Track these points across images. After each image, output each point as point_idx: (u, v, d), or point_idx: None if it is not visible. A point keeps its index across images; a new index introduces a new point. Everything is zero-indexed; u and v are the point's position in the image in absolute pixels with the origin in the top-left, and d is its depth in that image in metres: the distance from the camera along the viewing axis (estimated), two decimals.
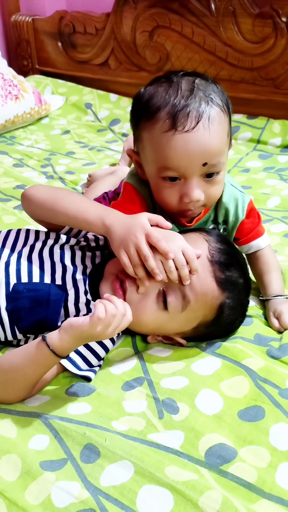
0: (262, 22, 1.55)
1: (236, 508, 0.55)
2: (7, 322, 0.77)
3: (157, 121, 0.72)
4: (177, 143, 0.71)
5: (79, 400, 0.70)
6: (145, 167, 0.78)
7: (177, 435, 0.64)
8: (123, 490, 0.57)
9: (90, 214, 0.75)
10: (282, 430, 0.65)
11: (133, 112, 0.79)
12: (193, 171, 0.73)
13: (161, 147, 0.72)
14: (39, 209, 0.81)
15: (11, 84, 1.76)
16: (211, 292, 0.73)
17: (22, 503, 0.56)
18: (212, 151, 0.72)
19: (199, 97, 0.71)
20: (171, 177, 0.74)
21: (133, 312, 0.74)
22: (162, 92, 0.73)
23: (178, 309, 0.73)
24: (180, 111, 0.70)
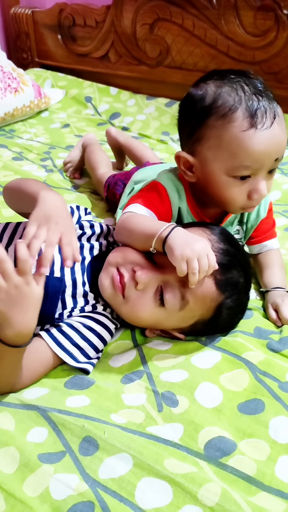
0: (263, 15, 1.54)
1: (235, 500, 0.55)
2: None
3: (234, 120, 0.73)
4: (259, 140, 0.73)
5: (77, 393, 0.70)
6: (208, 167, 0.77)
7: (176, 428, 0.64)
8: (121, 482, 0.57)
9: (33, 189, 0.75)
10: (282, 423, 0.64)
11: (191, 113, 0.78)
12: (266, 168, 0.75)
13: (241, 145, 0.73)
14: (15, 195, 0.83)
15: (10, 77, 1.75)
16: (211, 294, 0.73)
17: (20, 495, 0.56)
18: (284, 147, 0.76)
19: (265, 95, 0.74)
20: (243, 176, 0.75)
21: (130, 308, 0.75)
22: (230, 92, 0.74)
23: (176, 308, 0.73)
24: (257, 110, 0.72)
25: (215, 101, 0.74)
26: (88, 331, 0.76)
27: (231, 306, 0.75)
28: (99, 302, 0.80)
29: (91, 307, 0.79)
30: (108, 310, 0.81)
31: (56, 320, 0.77)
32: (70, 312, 0.78)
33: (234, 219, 0.91)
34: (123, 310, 0.76)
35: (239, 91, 0.74)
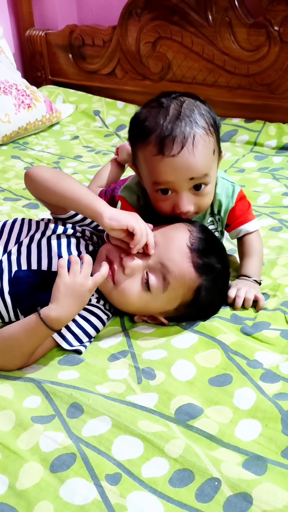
0: (256, 31, 1.64)
1: (196, 453, 0.63)
2: (10, 304, 0.87)
3: (148, 144, 0.81)
4: (165, 166, 0.81)
5: (69, 368, 0.79)
6: (143, 178, 0.89)
7: (152, 397, 0.73)
8: (101, 439, 0.66)
9: (83, 199, 0.83)
10: (245, 393, 0.72)
11: (130, 132, 0.89)
12: (181, 186, 0.83)
13: (152, 167, 0.83)
14: (39, 187, 0.88)
15: (24, 94, 1.89)
16: (188, 274, 0.80)
17: (14, 448, 0.65)
18: (197, 170, 0.81)
19: (184, 122, 0.80)
20: (163, 189, 0.84)
21: (120, 292, 0.83)
22: (154, 116, 0.82)
23: (160, 290, 0.82)
24: (166, 138, 0.79)
25: (141, 124, 0.83)
26: (83, 320, 0.85)
27: (209, 288, 0.82)
28: (93, 295, 0.89)
29: None
30: (101, 302, 0.89)
31: None
32: None
33: (205, 213, 0.98)
34: (113, 295, 0.85)
35: (161, 116, 0.80)
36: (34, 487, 0.60)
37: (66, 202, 0.85)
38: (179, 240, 0.82)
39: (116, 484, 0.60)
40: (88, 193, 0.84)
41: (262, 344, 0.83)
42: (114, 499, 0.58)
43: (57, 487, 0.60)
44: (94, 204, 0.81)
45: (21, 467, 0.62)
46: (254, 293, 0.91)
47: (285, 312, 0.89)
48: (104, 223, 0.80)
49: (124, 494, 0.59)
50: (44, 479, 0.61)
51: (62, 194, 0.85)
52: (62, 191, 0.85)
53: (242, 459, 0.63)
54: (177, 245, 0.82)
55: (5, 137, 1.81)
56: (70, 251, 0.90)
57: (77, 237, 0.93)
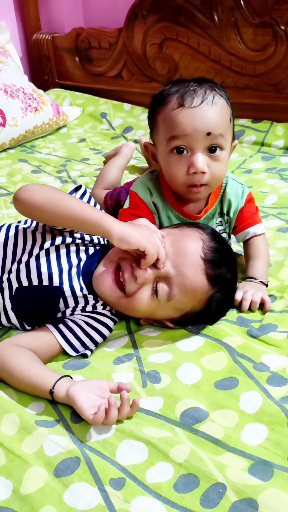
0: (262, 31, 1.62)
1: (201, 458, 0.62)
2: (15, 319, 0.87)
3: (169, 102, 0.86)
4: (184, 116, 0.84)
5: (73, 372, 0.78)
6: (158, 149, 0.91)
7: (157, 401, 0.72)
8: (105, 444, 0.66)
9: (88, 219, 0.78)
10: (251, 396, 0.71)
11: (150, 107, 0.92)
12: (197, 141, 0.85)
13: (170, 121, 0.85)
14: (35, 214, 0.82)
15: (31, 98, 1.90)
16: (202, 287, 0.79)
17: (18, 452, 0.65)
18: (214, 123, 0.84)
19: (205, 86, 0.86)
20: (178, 147, 0.85)
21: (130, 300, 0.81)
22: (176, 86, 0.88)
23: (168, 300, 0.80)
24: (187, 92, 0.85)
25: (160, 94, 0.89)
26: (90, 328, 0.84)
27: (221, 299, 0.82)
28: (99, 302, 0.87)
29: (91, 307, 0.87)
30: (108, 308, 0.88)
31: (59, 317, 0.85)
32: (72, 310, 0.86)
33: (214, 212, 0.98)
34: (121, 303, 0.83)
35: (183, 84, 0.87)
36: (38, 491, 0.60)
37: (70, 225, 0.81)
38: (192, 251, 0.80)
39: (120, 489, 0.60)
40: (92, 210, 0.79)
41: (268, 346, 0.82)
42: (118, 504, 0.58)
43: (61, 492, 0.59)
44: (102, 223, 0.76)
45: (25, 471, 0.62)
46: (261, 295, 0.90)
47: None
48: (114, 243, 0.77)
49: (128, 499, 0.58)
50: (48, 483, 0.61)
51: (64, 218, 0.79)
52: (64, 215, 0.78)
53: (248, 464, 0.62)
54: (191, 257, 0.79)
55: (12, 141, 1.82)
56: (70, 261, 0.87)
57: (76, 244, 0.89)
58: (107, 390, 0.71)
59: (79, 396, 0.68)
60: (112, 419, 0.66)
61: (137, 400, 0.69)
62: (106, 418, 0.66)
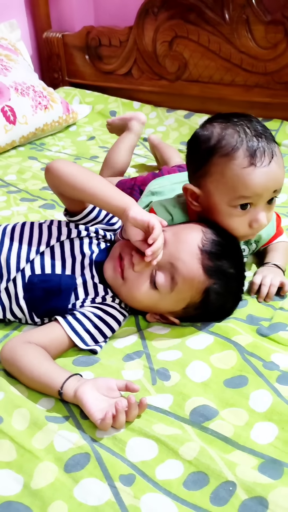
0: (274, 28, 1.62)
1: (211, 456, 0.62)
2: (26, 309, 0.87)
3: (236, 158, 0.81)
4: (257, 176, 0.81)
5: (83, 369, 0.79)
6: (212, 198, 0.86)
7: (166, 398, 0.72)
8: (114, 440, 0.66)
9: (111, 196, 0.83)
10: (261, 395, 0.71)
11: (198, 151, 0.87)
12: (264, 199, 0.84)
13: (241, 180, 0.81)
14: (62, 183, 0.87)
15: (41, 95, 1.90)
16: (198, 276, 0.80)
17: (29, 447, 0.65)
18: (281, 180, 0.85)
19: (264, 137, 0.83)
20: (243, 204, 0.84)
21: (129, 288, 0.83)
22: (233, 134, 0.83)
23: (167, 289, 0.81)
24: (256, 150, 0.81)
25: (219, 142, 0.83)
26: (99, 320, 0.85)
27: (219, 292, 0.82)
28: (108, 294, 0.89)
29: (101, 298, 0.88)
30: (117, 301, 0.89)
31: (69, 310, 0.86)
32: (82, 302, 0.87)
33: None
34: (122, 291, 0.86)
35: (241, 133, 0.82)
36: (48, 486, 0.60)
37: (92, 198, 0.85)
38: (191, 240, 0.82)
39: (130, 485, 0.60)
40: (115, 190, 0.85)
41: (278, 345, 0.81)
42: (128, 500, 0.58)
43: (71, 487, 0.60)
44: (124, 201, 0.82)
45: (36, 466, 0.63)
46: (280, 279, 0.92)
47: None
48: (129, 216, 0.79)
49: (138, 496, 0.58)
50: (58, 479, 0.61)
51: (88, 191, 0.84)
52: (88, 188, 0.84)
53: (258, 463, 0.62)
54: (189, 245, 0.81)
55: (22, 138, 1.83)
56: (83, 252, 0.90)
57: (90, 237, 0.93)
58: (115, 389, 0.71)
59: (87, 399, 0.68)
60: (120, 424, 0.66)
61: (144, 400, 0.69)
62: (114, 423, 0.66)
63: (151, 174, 1.31)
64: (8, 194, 1.46)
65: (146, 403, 0.69)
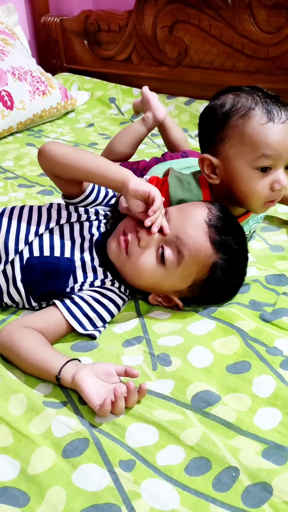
0: (276, 12, 1.58)
1: (213, 441, 0.61)
2: (23, 292, 0.85)
3: (253, 116, 0.82)
4: (278, 131, 0.81)
5: (82, 354, 0.77)
6: (232, 164, 0.85)
7: (167, 383, 0.71)
8: (114, 426, 0.64)
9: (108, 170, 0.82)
10: (264, 380, 0.70)
11: (212, 119, 0.86)
12: (284, 159, 0.83)
13: (262, 136, 0.81)
14: (56, 164, 0.85)
15: (38, 81, 1.87)
16: (204, 250, 0.78)
17: (26, 432, 0.64)
18: None
19: (278, 101, 0.84)
20: (264, 167, 0.83)
21: (133, 264, 0.81)
22: (246, 98, 0.84)
23: (174, 264, 0.79)
24: (273, 108, 0.82)
25: (234, 105, 0.84)
26: (97, 304, 0.83)
27: (226, 267, 0.80)
28: (108, 277, 0.87)
29: (100, 282, 0.86)
30: (116, 285, 0.87)
31: (67, 293, 0.85)
32: (80, 286, 0.85)
33: (249, 219, 0.97)
34: (126, 267, 0.83)
35: (255, 97, 0.83)
36: (46, 472, 0.59)
37: (88, 175, 0.84)
38: (197, 215, 0.81)
39: (130, 470, 0.58)
40: (112, 164, 0.84)
41: (282, 331, 0.80)
42: (128, 486, 0.57)
43: (69, 473, 0.58)
44: (122, 173, 0.81)
45: (33, 451, 0.61)
46: None
47: None
48: (129, 188, 0.79)
49: (138, 481, 0.57)
50: (56, 464, 0.59)
51: (84, 168, 0.83)
52: (84, 165, 0.83)
53: (262, 448, 0.60)
54: (195, 219, 0.80)
55: (20, 124, 1.80)
56: (83, 235, 0.88)
57: (90, 220, 0.91)
58: (114, 375, 0.70)
59: (85, 385, 0.67)
60: (119, 410, 0.65)
61: (143, 385, 0.67)
62: (113, 409, 0.65)
63: (154, 159, 1.28)
64: (6, 180, 1.44)
65: (146, 389, 0.67)
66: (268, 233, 1.11)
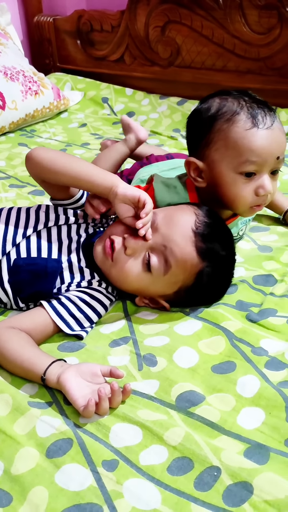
0: (267, 13, 1.59)
1: (196, 441, 0.61)
2: (11, 293, 0.86)
3: (238, 121, 0.81)
4: (262, 137, 0.81)
5: (68, 355, 0.77)
6: (216, 169, 0.85)
7: (152, 384, 0.71)
8: (98, 426, 0.65)
9: (96, 175, 0.83)
10: (249, 380, 0.70)
11: (198, 123, 0.86)
12: (269, 165, 0.83)
13: (246, 142, 0.81)
14: (43, 169, 0.86)
15: (31, 81, 1.87)
16: (191, 259, 0.78)
17: (10, 432, 0.64)
18: (284, 147, 0.84)
19: (265, 106, 0.84)
20: (248, 172, 0.82)
21: (119, 270, 0.81)
22: (232, 102, 0.83)
23: (160, 272, 0.79)
24: (258, 113, 0.82)
25: (220, 109, 0.83)
26: (84, 305, 0.83)
27: (211, 274, 0.80)
28: (95, 278, 0.87)
29: (87, 282, 0.86)
30: (103, 285, 0.87)
31: (54, 294, 0.85)
32: (67, 286, 0.86)
33: (238, 220, 0.97)
34: (112, 273, 0.83)
35: (241, 101, 0.83)
36: (29, 472, 0.59)
37: (76, 181, 0.84)
38: (184, 222, 0.80)
39: (113, 470, 0.58)
40: (99, 169, 0.85)
41: (267, 331, 0.80)
42: (111, 485, 0.57)
43: (52, 473, 0.58)
44: (110, 177, 0.82)
45: (17, 452, 0.61)
46: None
47: None
48: (118, 193, 0.79)
49: (120, 481, 0.57)
50: (39, 464, 0.60)
51: (71, 174, 0.83)
52: (71, 171, 0.83)
53: (244, 448, 0.61)
54: (182, 227, 0.79)
55: (12, 124, 1.79)
56: (71, 237, 0.89)
57: (78, 223, 0.91)
58: (99, 375, 0.70)
59: (70, 386, 0.67)
60: (103, 411, 0.65)
61: (128, 386, 0.67)
62: (97, 410, 0.65)
63: (137, 164, 1.27)
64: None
65: (130, 389, 0.68)
66: (257, 233, 1.11)
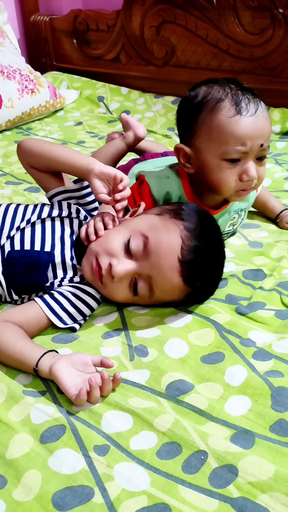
0: (260, 14, 1.61)
1: (184, 427, 0.63)
2: (5, 284, 0.88)
3: (222, 109, 0.83)
4: (245, 124, 0.83)
5: (62, 346, 0.79)
6: (202, 155, 0.87)
7: (143, 373, 0.73)
8: (90, 413, 0.67)
9: (76, 157, 0.87)
10: (237, 370, 0.72)
11: (186, 111, 0.89)
12: (253, 152, 0.84)
13: (229, 129, 0.83)
14: (31, 154, 0.92)
15: (27, 79, 1.89)
16: (178, 287, 0.79)
17: (5, 419, 0.66)
18: (268, 134, 0.85)
19: (251, 93, 0.85)
20: (233, 158, 0.84)
21: (109, 292, 0.83)
22: (217, 90, 0.85)
23: (146, 296, 0.82)
24: (241, 100, 0.83)
25: (205, 97, 0.86)
26: (76, 299, 0.85)
27: (202, 291, 0.84)
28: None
29: (79, 278, 0.88)
30: None
31: (47, 288, 0.87)
32: (60, 281, 0.87)
33: (231, 207, 0.99)
34: (102, 291, 0.85)
35: (226, 88, 0.85)
36: (23, 456, 0.61)
37: (58, 163, 0.89)
38: (169, 253, 0.77)
39: (104, 455, 0.61)
40: (81, 154, 0.90)
41: (256, 323, 0.83)
42: (102, 469, 0.59)
43: (46, 457, 0.61)
44: (88, 158, 0.86)
45: (12, 437, 0.63)
46: None
47: (280, 292, 0.89)
48: (95, 169, 0.83)
49: (111, 465, 0.59)
50: (33, 449, 0.62)
51: (54, 157, 0.89)
52: (55, 154, 0.89)
53: (230, 433, 0.63)
54: (167, 259, 0.77)
55: (8, 122, 1.81)
56: (64, 230, 0.90)
57: (71, 218, 0.93)
58: (90, 365, 0.72)
59: (62, 376, 0.69)
60: (95, 399, 0.67)
61: (118, 374, 0.70)
62: (89, 398, 0.67)
63: (132, 161, 1.29)
64: None
65: (120, 378, 0.70)
66: (249, 230, 1.14)
